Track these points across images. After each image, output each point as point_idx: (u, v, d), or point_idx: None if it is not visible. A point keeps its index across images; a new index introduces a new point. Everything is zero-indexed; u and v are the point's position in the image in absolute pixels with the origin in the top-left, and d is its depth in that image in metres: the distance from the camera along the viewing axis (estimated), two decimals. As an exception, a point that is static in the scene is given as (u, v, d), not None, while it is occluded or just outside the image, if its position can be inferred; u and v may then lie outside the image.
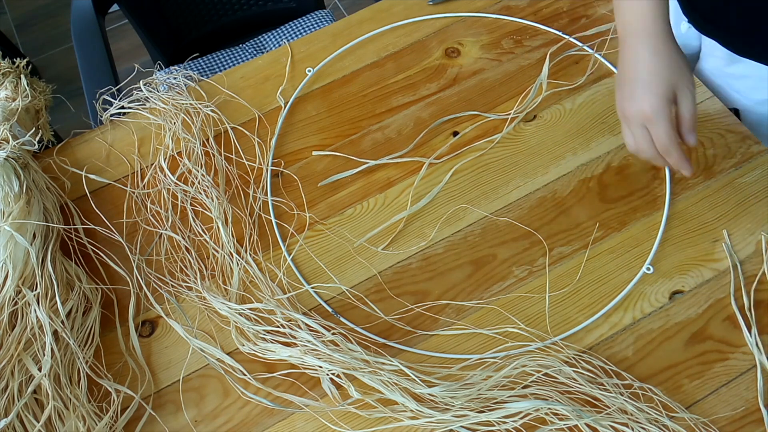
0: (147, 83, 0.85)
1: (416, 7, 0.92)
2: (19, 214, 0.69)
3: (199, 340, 0.69)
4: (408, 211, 0.75)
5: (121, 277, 0.72)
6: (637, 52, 0.63)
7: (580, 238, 0.73)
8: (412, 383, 0.63)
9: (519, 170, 0.78)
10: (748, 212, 0.73)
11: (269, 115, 0.84)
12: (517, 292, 0.71)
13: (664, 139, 0.62)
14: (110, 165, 0.81)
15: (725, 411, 0.63)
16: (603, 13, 0.89)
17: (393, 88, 0.86)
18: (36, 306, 0.66)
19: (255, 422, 0.65)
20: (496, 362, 0.66)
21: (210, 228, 0.75)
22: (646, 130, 0.63)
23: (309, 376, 0.66)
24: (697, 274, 0.70)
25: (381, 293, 0.71)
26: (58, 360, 0.64)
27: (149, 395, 0.67)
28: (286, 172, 0.80)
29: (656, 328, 0.68)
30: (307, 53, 0.89)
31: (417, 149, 0.81)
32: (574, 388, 0.64)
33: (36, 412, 0.63)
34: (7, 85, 0.78)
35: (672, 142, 0.62)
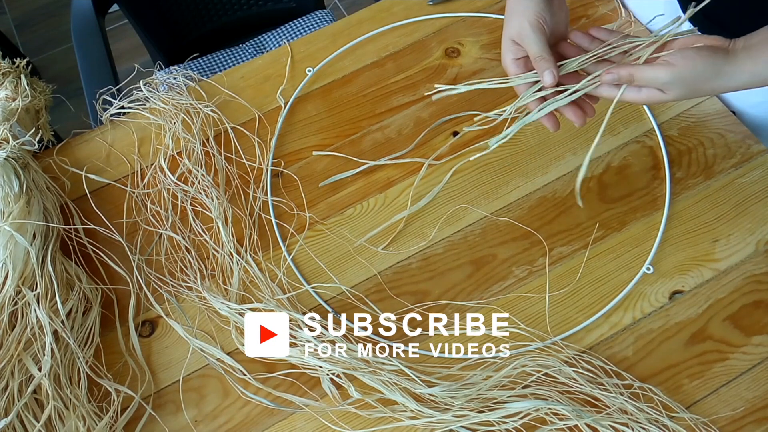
0: (147, 83, 0.85)
1: (416, 7, 0.92)
2: (19, 214, 0.69)
3: (199, 340, 0.69)
4: (408, 211, 0.75)
5: (121, 277, 0.72)
6: None
7: (580, 238, 0.73)
8: (412, 383, 0.63)
9: (519, 170, 0.78)
10: (748, 212, 0.73)
11: (269, 115, 0.84)
12: (517, 292, 0.71)
13: (503, 62, 0.65)
14: (110, 165, 0.81)
15: (725, 411, 0.63)
16: (603, 12, 0.89)
17: (393, 88, 0.86)
18: (36, 306, 0.66)
19: (255, 422, 0.65)
20: (496, 362, 0.66)
21: (210, 228, 0.75)
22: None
23: (309, 376, 0.66)
24: (697, 274, 0.71)
25: (381, 293, 0.71)
26: (58, 360, 0.64)
27: (149, 395, 0.67)
28: (286, 172, 0.80)
29: (656, 328, 0.68)
30: (307, 53, 0.89)
31: (417, 149, 0.81)
32: (574, 388, 0.64)
33: (36, 412, 0.63)
34: (7, 85, 0.78)
35: (504, 63, 0.65)
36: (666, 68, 0.58)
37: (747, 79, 0.57)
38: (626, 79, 0.60)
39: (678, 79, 0.57)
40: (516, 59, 0.64)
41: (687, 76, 0.57)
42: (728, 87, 0.58)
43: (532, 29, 0.61)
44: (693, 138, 0.79)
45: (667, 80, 0.58)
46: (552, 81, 0.60)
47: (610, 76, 0.60)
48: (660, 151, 0.78)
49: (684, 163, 0.77)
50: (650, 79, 0.59)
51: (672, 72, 0.57)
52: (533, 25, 0.61)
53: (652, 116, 0.80)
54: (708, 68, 0.57)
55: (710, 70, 0.57)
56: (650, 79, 0.59)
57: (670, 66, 0.57)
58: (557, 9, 0.64)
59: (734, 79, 0.57)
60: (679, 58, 0.58)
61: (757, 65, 0.56)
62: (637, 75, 0.59)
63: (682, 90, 0.58)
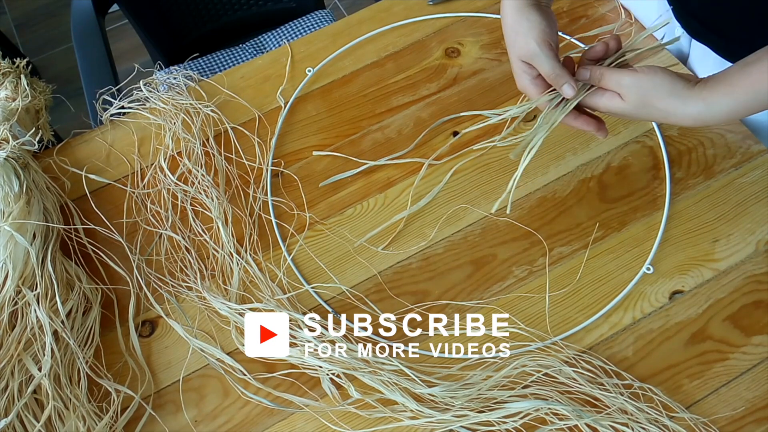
0: (147, 83, 0.85)
1: (416, 7, 0.92)
2: (19, 214, 0.69)
3: (199, 340, 0.69)
4: (408, 211, 0.75)
5: (121, 277, 0.72)
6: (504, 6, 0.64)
7: (580, 238, 0.73)
8: (412, 383, 0.63)
9: (519, 170, 0.78)
10: (748, 212, 0.73)
11: (269, 115, 0.84)
12: (517, 292, 0.71)
13: (519, 84, 0.65)
14: (110, 165, 0.81)
15: (725, 411, 0.63)
16: (603, 13, 0.89)
17: (393, 88, 0.86)
18: (36, 306, 0.66)
19: (255, 422, 0.65)
20: (496, 362, 0.66)
21: (210, 228, 0.75)
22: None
23: (309, 376, 0.66)
24: (697, 274, 0.71)
25: (381, 293, 0.71)
26: (58, 360, 0.64)
27: (149, 395, 0.67)
28: (286, 172, 0.80)
29: (656, 328, 0.68)
30: (307, 53, 0.89)
31: (417, 149, 0.81)
32: (574, 388, 0.64)
33: (36, 412, 0.63)
34: (7, 85, 0.78)
35: (521, 85, 0.65)
36: (630, 74, 0.59)
37: (701, 109, 0.57)
38: (596, 77, 0.61)
39: (636, 86, 0.58)
40: (533, 79, 0.63)
41: (644, 85, 0.58)
42: (680, 112, 0.57)
43: (540, 48, 0.60)
44: (693, 138, 0.79)
45: (627, 83, 0.58)
46: (573, 93, 0.60)
47: (585, 72, 0.61)
48: (660, 151, 0.78)
49: (684, 163, 0.77)
50: (615, 80, 0.59)
51: (633, 77, 0.58)
52: (541, 43, 0.60)
53: (652, 116, 0.80)
54: (665, 84, 0.57)
55: (667, 86, 0.57)
56: (615, 81, 0.60)
57: (633, 73, 0.58)
58: (552, 21, 0.64)
59: (689, 104, 0.57)
60: (645, 67, 0.59)
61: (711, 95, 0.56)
62: (605, 76, 0.60)
63: (637, 99, 0.59)
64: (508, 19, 0.63)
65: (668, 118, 0.59)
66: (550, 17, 0.63)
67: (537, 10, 0.61)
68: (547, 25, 0.61)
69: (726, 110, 0.56)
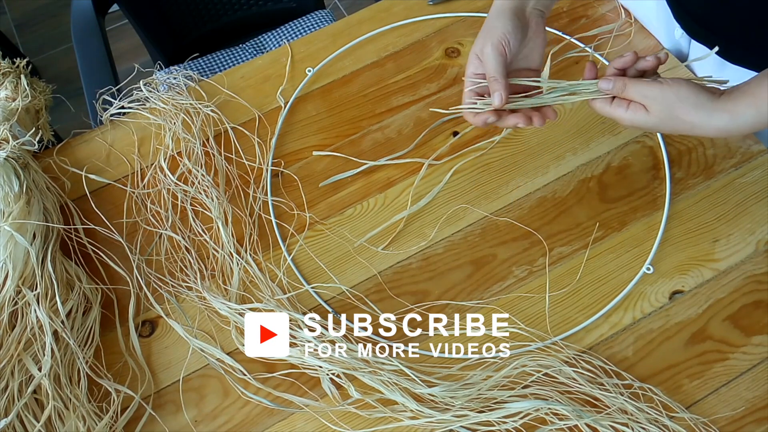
0: (147, 83, 0.85)
1: (416, 7, 0.92)
2: (19, 214, 0.69)
3: (199, 340, 0.69)
4: (408, 211, 0.75)
5: (121, 277, 0.72)
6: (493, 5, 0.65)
7: (580, 238, 0.73)
8: (412, 383, 0.63)
9: (519, 170, 0.78)
10: (748, 212, 0.73)
11: (269, 115, 0.84)
12: (517, 292, 0.71)
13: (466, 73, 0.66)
14: (110, 165, 0.81)
15: (725, 411, 0.63)
16: (603, 13, 0.89)
17: (393, 88, 0.86)
18: (36, 306, 0.66)
19: (255, 422, 0.65)
20: (496, 362, 0.66)
21: (210, 228, 0.75)
22: None
23: (309, 376, 0.66)
24: (697, 274, 0.71)
25: (381, 293, 0.71)
26: (58, 360, 0.64)
27: (149, 395, 0.67)
28: (286, 172, 0.80)
29: (656, 328, 0.68)
30: (307, 53, 0.89)
31: (417, 149, 0.81)
32: (574, 388, 0.64)
33: (36, 412, 0.63)
34: (7, 85, 0.78)
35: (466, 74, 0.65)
36: (655, 85, 0.59)
37: (726, 121, 0.57)
38: (619, 88, 0.61)
39: (662, 98, 0.58)
40: (475, 74, 0.64)
41: (670, 97, 0.58)
42: (706, 125, 0.58)
43: (492, 49, 0.61)
44: (693, 138, 0.79)
45: (653, 95, 0.59)
46: (499, 103, 0.61)
47: (606, 83, 0.61)
48: (660, 151, 0.78)
49: (684, 163, 0.77)
50: (640, 92, 0.60)
51: (659, 90, 0.58)
52: (494, 46, 0.61)
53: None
54: (691, 96, 0.57)
55: (693, 99, 0.57)
56: (638, 92, 0.60)
57: (658, 84, 0.59)
58: (531, 36, 0.64)
59: (714, 117, 0.57)
60: (670, 79, 0.59)
61: (737, 106, 0.56)
62: (629, 86, 0.60)
63: (662, 112, 0.59)
64: (487, 18, 0.64)
65: (694, 130, 0.59)
66: (525, 28, 0.63)
67: (511, 18, 0.62)
68: (514, 33, 0.62)
69: (751, 121, 0.56)
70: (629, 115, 0.61)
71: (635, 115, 0.60)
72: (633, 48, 0.86)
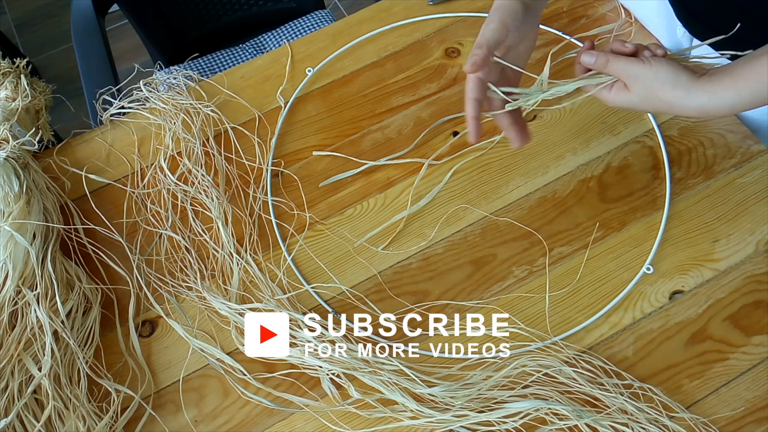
0: (147, 83, 0.85)
1: (416, 7, 0.92)
2: (19, 214, 0.69)
3: (199, 340, 0.69)
4: (408, 211, 0.75)
5: (121, 277, 0.72)
6: None
7: (580, 238, 0.73)
8: (412, 383, 0.63)
9: (519, 170, 0.78)
10: (748, 212, 0.73)
11: (269, 115, 0.84)
12: (517, 292, 0.71)
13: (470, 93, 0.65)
14: (110, 165, 0.81)
15: (725, 411, 0.63)
16: (603, 13, 0.89)
17: (393, 88, 0.86)
18: (36, 306, 0.66)
19: (255, 422, 0.65)
20: (496, 362, 0.66)
21: (210, 228, 0.75)
22: None
23: (309, 376, 0.66)
24: (697, 274, 0.71)
25: (381, 293, 0.71)
26: (58, 360, 0.64)
27: (149, 395, 0.67)
28: (286, 172, 0.80)
29: (656, 328, 0.68)
30: (307, 53, 0.89)
31: (417, 149, 0.81)
32: (574, 388, 0.64)
33: (36, 412, 0.63)
34: (7, 85, 0.78)
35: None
36: (637, 63, 0.59)
37: (704, 101, 0.57)
38: (602, 63, 0.61)
39: (642, 76, 0.59)
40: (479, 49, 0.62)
41: (649, 75, 0.58)
42: (684, 103, 0.58)
43: (496, 24, 0.61)
44: (693, 138, 0.79)
45: (633, 73, 0.59)
46: (470, 69, 0.60)
47: (589, 56, 0.61)
48: (660, 151, 0.78)
49: (684, 163, 0.77)
50: (620, 69, 0.60)
51: (640, 67, 0.59)
52: (500, 21, 0.61)
53: (652, 116, 0.80)
54: (670, 74, 0.58)
55: (672, 76, 0.58)
56: (621, 68, 0.60)
57: (640, 62, 0.59)
58: (525, 30, 0.64)
59: (692, 95, 0.57)
60: (653, 59, 0.59)
61: (715, 87, 0.57)
62: (611, 62, 0.60)
63: (642, 90, 0.59)
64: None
65: (672, 109, 0.59)
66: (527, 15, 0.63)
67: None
68: (518, 19, 0.62)
69: (730, 103, 0.57)
70: (612, 95, 0.61)
71: (617, 96, 0.61)
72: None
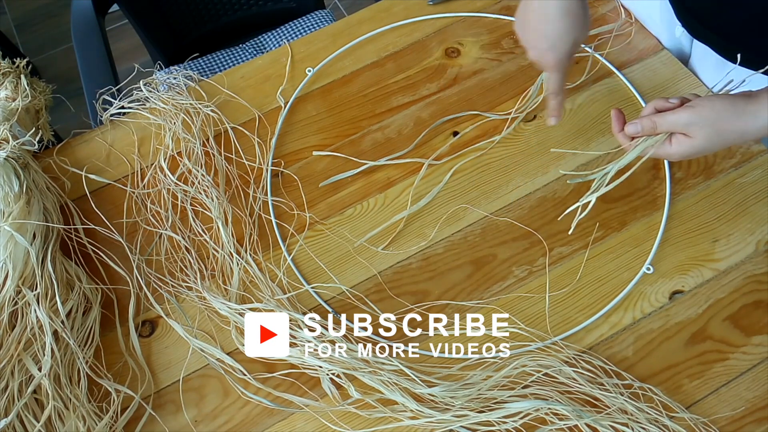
0: (147, 83, 0.85)
1: (416, 7, 0.92)
2: (19, 214, 0.69)
3: (199, 340, 0.69)
4: (408, 211, 0.75)
5: (121, 277, 0.72)
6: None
7: (580, 238, 0.73)
8: (412, 383, 0.63)
9: (519, 170, 0.78)
10: (748, 212, 0.73)
11: (269, 115, 0.84)
12: (517, 292, 0.71)
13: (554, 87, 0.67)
14: (110, 165, 0.81)
15: (725, 411, 0.63)
16: (603, 13, 0.89)
17: (393, 88, 0.86)
18: (36, 306, 0.66)
19: (255, 422, 0.65)
20: (496, 362, 0.66)
21: (210, 228, 0.75)
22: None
23: (309, 376, 0.66)
24: (697, 274, 0.70)
25: (381, 293, 0.71)
26: (58, 360, 0.64)
27: (149, 395, 0.67)
28: (286, 172, 0.80)
29: (656, 328, 0.68)
30: (307, 53, 0.89)
31: (417, 149, 0.81)
32: (574, 388, 0.64)
33: (36, 412, 0.63)
34: (7, 85, 0.78)
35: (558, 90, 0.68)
36: (687, 110, 0.59)
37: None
38: (649, 127, 0.61)
39: (700, 120, 0.58)
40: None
41: (708, 115, 0.58)
42: (754, 127, 0.58)
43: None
44: (693, 138, 0.79)
45: (688, 122, 0.59)
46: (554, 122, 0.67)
47: (633, 126, 0.62)
48: (660, 151, 0.78)
49: (684, 163, 0.77)
50: (672, 123, 0.60)
51: (692, 113, 0.59)
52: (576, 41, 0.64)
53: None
54: (728, 107, 0.58)
55: (731, 109, 0.58)
56: (672, 122, 0.60)
57: (690, 108, 0.59)
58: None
59: (759, 117, 0.57)
60: (699, 100, 0.59)
61: None
62: (659, 122, 0.61)
63: (706, 132, 0.59)
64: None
65: (744, 136, 0.59)
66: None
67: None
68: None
69: None
70: (675, 148, 0.61)
71: (681, 148, 0.61)
72: (633, 48, 0.86)
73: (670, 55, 0.85)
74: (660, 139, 0.62)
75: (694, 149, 0.61)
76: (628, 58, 0.85)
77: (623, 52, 0.86)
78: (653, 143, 0.62)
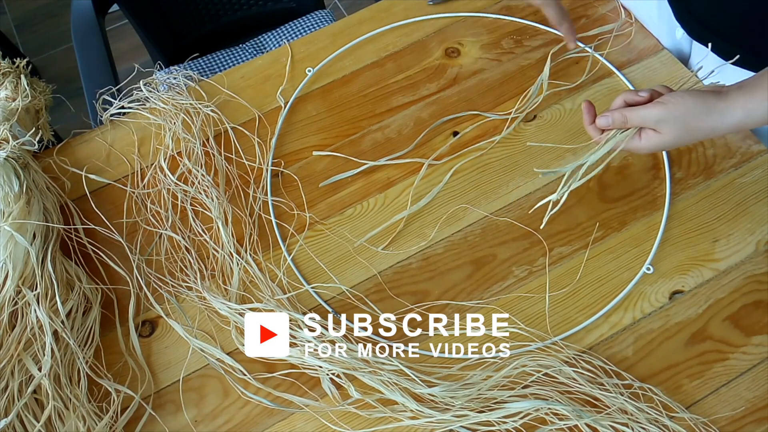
0: (147, 83, 0.85)
1: (416, 7, 0.92)
2: (19, 214, 0.69)
3: (199, 340, 0.69)
4: (408, 211, 0.75)
5: (121, 277, 0.72)
6: None
7: (580, 238, 0.73)
8: (412, 383, 0.63)
9: (519, 170, 0.78)
10: (748, 212, 0.73)
11: (269, 115, 0.84)
12: (517, 292, 0.71)
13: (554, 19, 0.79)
14: (110, 165, 0.81)
15: (725, 411, 0.63)
16: (603, 13, 0.89)
17: (393, 88, 0.86)
18: (36, 306, 0.66)
19: (255, 422, 0.65)
20: (496, 362, 0.66)
21: (210, 228, 0.75)
22: None
23: (309, 376, 0.66)
24: (697, 274, 0.70)
25: (381, 293, 0.71)
26: (58, 360, 0.64)
27: (149, 395, 0.67)
28: (286, 172, 0.80)
29: (656, 328, 0.68)
30: (307, 53, 0.89)
31: (417, 149, 0.81)
32: (574, 388, 0.64)
33: (36, 412, 0.63)
34: (7, 85, 0.78)
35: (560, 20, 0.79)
36: (657, 106, 0.59)
37: (741, 116, 0.57)
38: (620, 121, 0.61)
39: (670, 117, 0.59)
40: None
41: (678, 113, 0.58)
42: (723, 125, 0.58)
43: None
44: (693, 138, 0.79)
45: (658, 118, 0.59)
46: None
47: (604, 119, 0.62)
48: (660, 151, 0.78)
49: (684, 163, 0.77)
50: (643, 118, 0.60)
51: (663, 109, 0.59)
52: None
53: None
54: (699, 104, 0.58)
55: (701, 106, 0.58)
56: (643, 117, 0.60)
57: (660, 104, 0.59)
58: None
59: (728, 115, 0.57)
60: (670, 96, 0.59)
61: (749, 101, 0.57)
62: (629, 116, 0.61)
63: (676, 129, 0.59)
64: None
65: (713, 133, 0.59)
66: None
67: None
68: None
69: (766, 113, 0.57)
70: (644, 143, 0.62)
71: (650, 143, 0.61)
72: (633, 48, 0.86)
73: (670, 55, 0.85)
74: (630, 134, 0.62)
75: (664, 144, 0.61)
76: (628, 58, 0.85)
77: (623, 52, 0.86)
78: (624, 138, 0.63)
